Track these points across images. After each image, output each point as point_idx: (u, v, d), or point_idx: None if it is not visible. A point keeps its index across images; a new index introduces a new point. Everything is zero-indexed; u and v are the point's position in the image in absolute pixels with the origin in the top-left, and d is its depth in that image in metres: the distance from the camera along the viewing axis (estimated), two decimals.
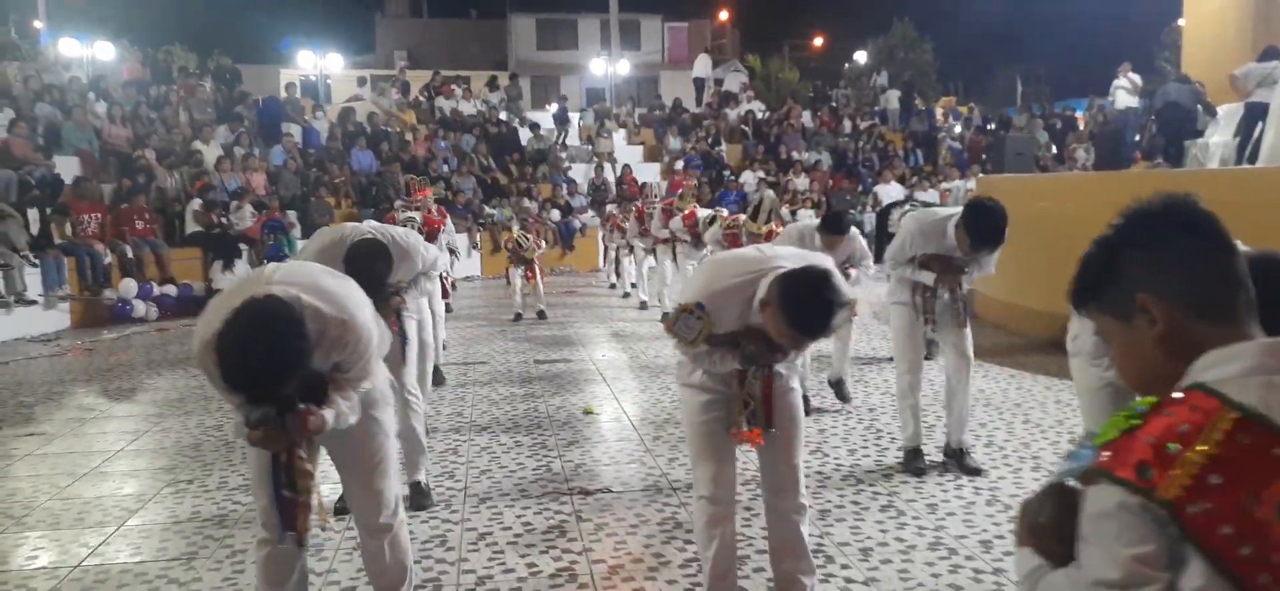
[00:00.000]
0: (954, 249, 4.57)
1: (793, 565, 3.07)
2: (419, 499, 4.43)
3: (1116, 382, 3.19)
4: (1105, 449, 1.18)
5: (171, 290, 12.16)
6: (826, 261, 2.88)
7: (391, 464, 3.01)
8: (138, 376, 8.08)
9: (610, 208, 16.19)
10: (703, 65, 25.29)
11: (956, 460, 4.82)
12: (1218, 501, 1.08)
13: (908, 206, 8.24)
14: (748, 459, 4.74)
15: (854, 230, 6.11)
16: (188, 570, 3.78)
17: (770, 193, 11.26)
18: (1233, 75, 10.19)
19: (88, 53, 19.49)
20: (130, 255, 12.11)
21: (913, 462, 4.79)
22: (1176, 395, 1.19)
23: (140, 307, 11.66)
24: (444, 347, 7.99)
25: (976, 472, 4.73)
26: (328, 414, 2.64)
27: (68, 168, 13.53)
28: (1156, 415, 1.17)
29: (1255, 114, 9.94)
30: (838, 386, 6.28)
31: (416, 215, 8.02)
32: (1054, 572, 1.29)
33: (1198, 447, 1.10)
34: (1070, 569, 1.25)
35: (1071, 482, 1.28)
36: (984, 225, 4.37)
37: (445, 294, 8.10)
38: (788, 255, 2.90)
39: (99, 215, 12.29)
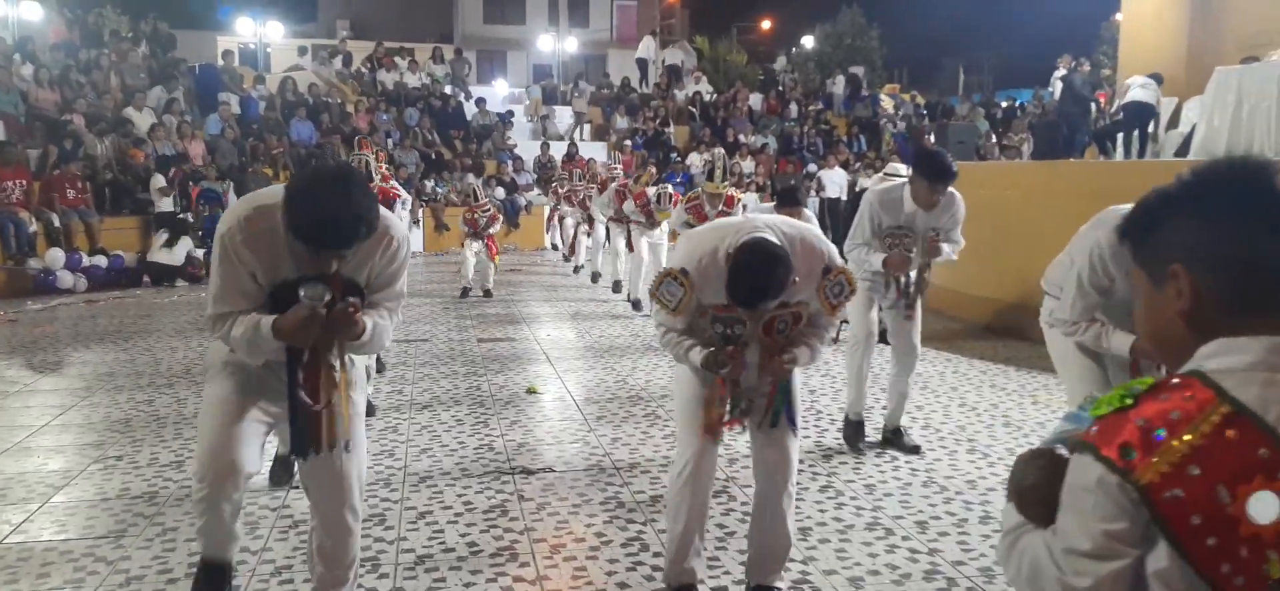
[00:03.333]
0: (913, 215, 4.62)
1: (772, 540, 3.10)
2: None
3: (1089, 346, 3.24)
4: (1095, 422, 1.19)
5: (102, 261, 11.79)
6: (796, 236, 2.87)
7: (364, 449, 2.85)
8: (64, 349, 7.82)
9: (557, 184, 15.91)
10: (647, 47, 25.20)
11: (894, 440, 4.91)
12: (1192, 491, 1.09)
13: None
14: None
15: (808, 211, 6.25)
16: (116, 548, 3.67)
17: (722, 151, 11.25)
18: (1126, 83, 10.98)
19: (13, 13, 18.67)
20: (57, 224, 11.71)
21: (853, 436, 4.87)
22: (1174, 380, 1.18)
23: (68, 279, 11.29)
24: None
25: (914, 450, 4.82)
26: (367, 320, 2.55)
27: None
28: (1151, 397, 1.17)
29: (1133, 115, 10.68)
30: None
31: (369, 158, 7.67)
32: (1033, 533, 1.31)
33: (1183, 437, 1.11)
34: (1047, 533, 1.27)
35: (1060, 450, 1.29)
36: (933, 164, 4.53)
37: None
38: (769, 222, 2.89)
39: (24, 182, 11.84)
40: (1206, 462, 1.09)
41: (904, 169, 10.07)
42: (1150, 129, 11.08)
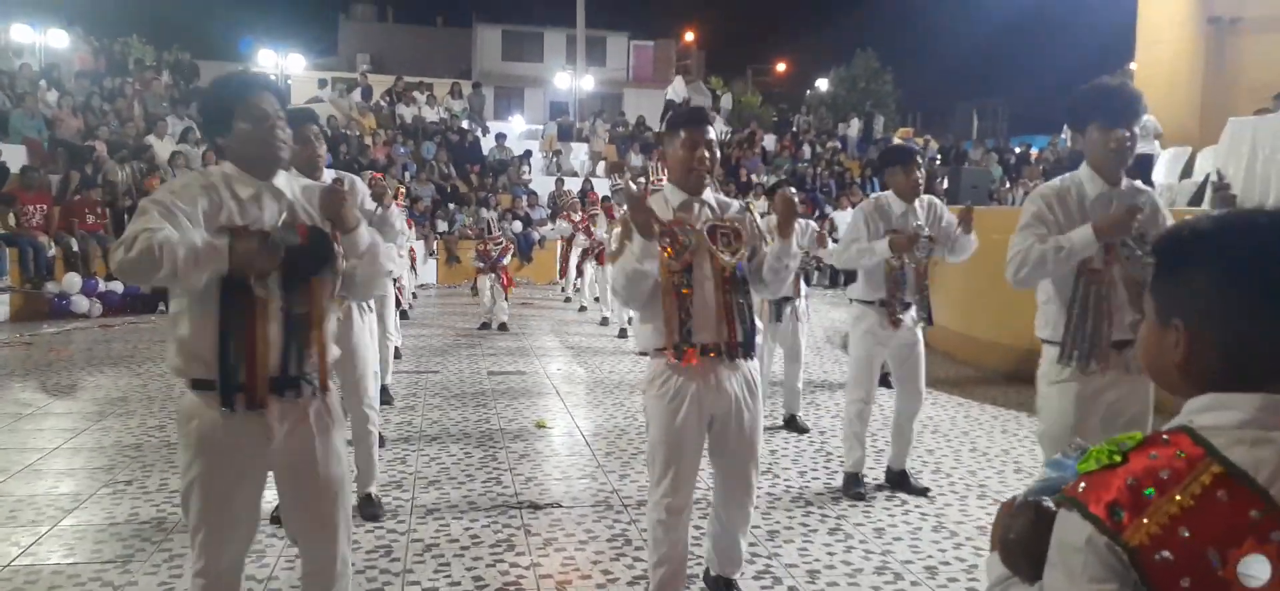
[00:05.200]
0: (904, 218, 4.73)
1: (727, 545, 3.38)
2: (370, 510, 4.38)
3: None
4: (1083, 478, 1.17)
5: (118, 287, 11.88)
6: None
7: (348, 491, 2.73)
8: (78, 373, 7.87)
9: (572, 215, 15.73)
10: (678, 88, 25.24)
11: (901, 483, 4.88)
12: (1181, 554, 1.07)
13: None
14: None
15: (811, 223, 6.60)
16: (123, 573, 3.68)
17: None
18: None
19: (40, 40, 19.01)
20: (76, 249, 11.83)
21: (852, 488, 4.82)
22: (1163, 436, 1.16)
23: (83, 304, 11.39)
24: (397, 357, 7.87)
25: (923, 493, 4.80)
26: (365, 230, 2.56)
27: (15, 156, 13.18)
28: (1140, 454, 1.15)
29: (1137, 168, 10.50)
30: (791, 421, 6.25)
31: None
32: (1020, 587, 1.30)
33: (1174, 497, 1.09)
34: (1034, 589, 1.25)
35: (1047, 503, 1.27)
36: (893, 152, 5.08)
37: (398, 302, 7.74)
38: None
39: (45, 206, 11.99)
40: (1197, 524, 1.07)
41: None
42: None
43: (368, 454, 4.48)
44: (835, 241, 6.02)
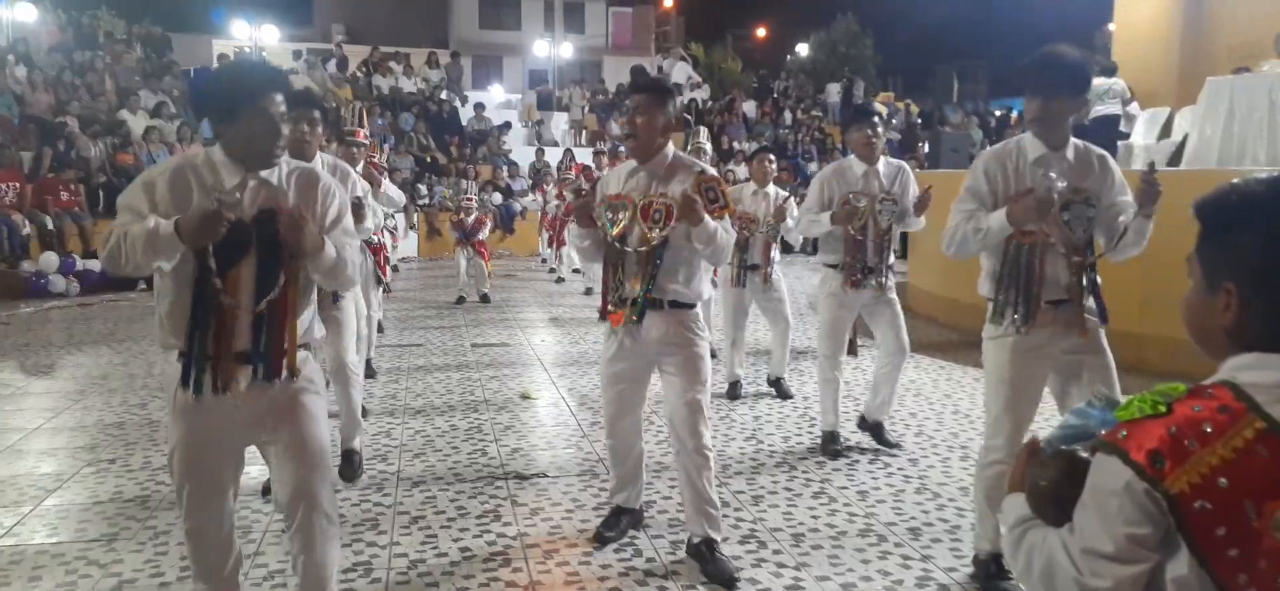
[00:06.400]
0: (866, 179, 4.80)
1: (691, 496, 3.49)
2: (350, 469, 4.48)
3: (1013, 383, 3.23)
4: (1124, 426, 1.20)
5: (95, 265, 11.75)
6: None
7: (327, 453, 2.77)
8: (57, 353, 7.80)
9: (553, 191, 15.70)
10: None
11: (873, 433, 4.98)
12: (1219, 503, 1.11)
13: None
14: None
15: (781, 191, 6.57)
16: (108, 551, 3.66)
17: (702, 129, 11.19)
18: None
19: (8, 15, 18.64)
20: (50, 227, 11.68)
21: (829, 445, 4.91)
22: (1208, 389, 1.19)
23: (60, 283, 11.26)
24: (380, 330, 7.82)
25: (894, 447, 4.93)
26: (329, 244, 2.54)
27: None
28: (1183, 405, 1.17)
29: (1099, 128, 10.49)
30: (777, 384, 6.31)
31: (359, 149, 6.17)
32: (1045, 531, 1.32)
33: (1216, 449, 1.12)
34: (1063, 530, 1.27)
35: (1082, 453, 1.29)
36: (851, 111, 5.38)
37: (381, 278, 7.02)
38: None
39: (16, 184, 11.82)
40: (1236, 476, 1.11)
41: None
42: (1121, 134, 11.03)
43: (349, 408, 4.56)
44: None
